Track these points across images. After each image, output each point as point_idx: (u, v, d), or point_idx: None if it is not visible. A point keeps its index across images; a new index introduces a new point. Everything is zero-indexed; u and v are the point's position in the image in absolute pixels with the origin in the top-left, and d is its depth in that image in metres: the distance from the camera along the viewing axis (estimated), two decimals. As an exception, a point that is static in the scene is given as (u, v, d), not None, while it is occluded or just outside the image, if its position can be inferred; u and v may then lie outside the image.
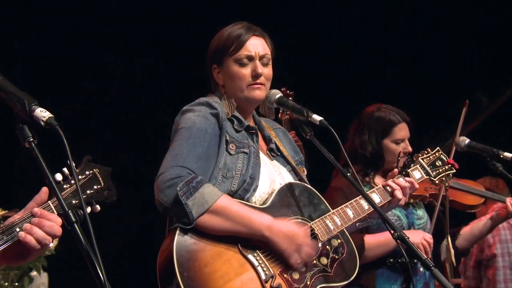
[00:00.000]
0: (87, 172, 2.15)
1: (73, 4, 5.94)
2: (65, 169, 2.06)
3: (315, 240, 2.67)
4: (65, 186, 2.07)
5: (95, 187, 2.15)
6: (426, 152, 3.22)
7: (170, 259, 2.47)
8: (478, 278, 5.24)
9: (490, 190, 4.77)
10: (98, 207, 2.11)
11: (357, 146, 3.63)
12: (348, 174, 2.70)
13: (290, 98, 4.49)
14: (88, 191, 2.13)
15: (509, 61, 6.83)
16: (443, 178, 3.20)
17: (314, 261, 2.65)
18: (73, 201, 2.07)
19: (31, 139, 1.94)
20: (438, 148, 3.24)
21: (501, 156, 3.67)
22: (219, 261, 2.52)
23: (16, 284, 4.54)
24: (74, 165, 2.00)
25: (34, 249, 2.02)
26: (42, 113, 1.92)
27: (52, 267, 4.75)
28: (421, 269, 3.48)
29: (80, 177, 2.11)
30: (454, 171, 3.23)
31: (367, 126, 3.65)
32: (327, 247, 2.71)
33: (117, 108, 6.09)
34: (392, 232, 2.57)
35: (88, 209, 2.07)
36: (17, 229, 2.00)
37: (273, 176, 2.79)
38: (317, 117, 2.73)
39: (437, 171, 3.19)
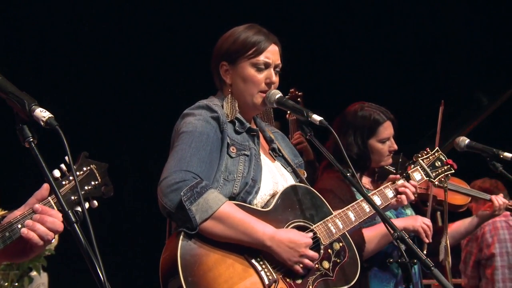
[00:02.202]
0: (84, 168, 2.14)
1: (73, 3, 5.94)
2: (62, 165, 2.05)
3: (317, 247, 2.66)
4: (63, 183, 2.07)
5: (92, 183, 2.14)
6: (425, 152, 3.20)
7: (174, 263, 2.46)
8: (477, 277, 5.27)
9: (490, 191, 4.78)
10: (95, 202, 2.11)
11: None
12: (348, 174, 2.69)
13: (299, 99, 4.52)
14: (86, 187, 2.12)
15: (509, 61, 6.84)
16: (442, 179, 3.18)
17: (316, 265, 2.65)
18: (72, 197, 2.07)
19: (31, 139, 1.93)
20: (437, 148, 3.24)
21: (501, 156, 3.66)
22: (223, 265, 2.52)
23: (16, 284, 4.53)
24: (73, 164, 2.00)
25: (37, 246, 2.01)
26: (42, 113, 1.92)
27: (52, 267, 4.75)
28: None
29: (78, 173, 2.11)
30: (453, 171, 3.22)
31: (351, 126, 3.51)
32: (329, 250, 2.71)
33: (117, 108, 6.09)
34: (392, 232, 2.56)
35: (86, 205, 2.07)
36: (19, 226, 1.99)
37: (275, 178, 2.78)
38: (317, 117, 2.70)
39: (437, 172, 3.18)
